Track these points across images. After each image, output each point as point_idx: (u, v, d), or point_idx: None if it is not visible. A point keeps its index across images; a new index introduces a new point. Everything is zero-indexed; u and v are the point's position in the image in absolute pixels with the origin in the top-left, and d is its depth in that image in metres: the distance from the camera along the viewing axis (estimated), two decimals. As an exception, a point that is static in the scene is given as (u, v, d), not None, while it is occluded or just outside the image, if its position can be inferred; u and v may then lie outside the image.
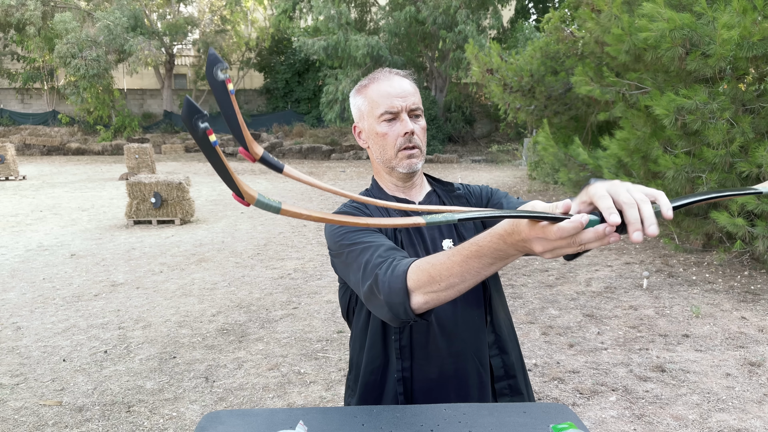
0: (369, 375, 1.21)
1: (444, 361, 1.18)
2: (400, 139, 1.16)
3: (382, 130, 1.17)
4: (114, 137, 23.70)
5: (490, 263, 0.84)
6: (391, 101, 1.16)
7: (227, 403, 2.91)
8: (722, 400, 2.86)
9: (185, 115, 0.54)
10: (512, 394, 1.23)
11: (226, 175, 0.58)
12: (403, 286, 0.93)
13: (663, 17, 4.69)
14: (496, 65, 8.91)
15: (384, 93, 1.16)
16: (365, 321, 1.23)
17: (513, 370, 1.23)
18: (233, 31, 25.48)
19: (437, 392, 1.18)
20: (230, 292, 4.85)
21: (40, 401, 2.93)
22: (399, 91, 1.16)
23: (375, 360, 1.21)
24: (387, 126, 1.17)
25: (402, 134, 1.16)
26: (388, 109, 1.15)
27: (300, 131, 23.86)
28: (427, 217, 0.65)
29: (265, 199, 0.59)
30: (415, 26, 19.13)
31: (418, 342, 1.18)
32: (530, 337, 3.77)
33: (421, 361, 1.18)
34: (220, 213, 9.14)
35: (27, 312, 4.35)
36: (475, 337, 1.19)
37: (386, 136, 1.17)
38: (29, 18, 22.39)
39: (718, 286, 4.84)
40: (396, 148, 1.17)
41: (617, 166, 6.14)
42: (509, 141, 20.49)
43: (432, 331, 1.17)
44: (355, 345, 1.28)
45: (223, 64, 0.56)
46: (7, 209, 9.47)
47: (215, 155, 0.56)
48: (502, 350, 1.22)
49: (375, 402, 1.21)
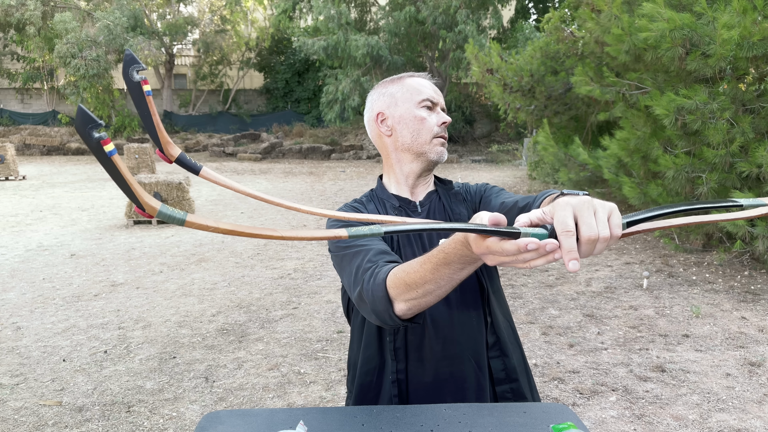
0: (365, 376, 1.21)
1: (439, 363, 1.17)
2: (437, 128, 1.22)
3: (421, 114, 1.21)
4: (114, 137, 23.68)
5: (461, 268, 0.84)
6: (429, 92, 1.23)
7: (227, 403, 2.91)
8: (722, 400, 2.86)
9: (79, 125, 0.52)
10: (516, 398, 1.21)
11: (125, 185, 0.55)
12: (384, 294, 0.94)
13: (663, 17, 4.69)
14: (496, 65, 8.91)
15: (425, 84, 1.24)
16: (362, 321, 1.23)
17: (515, 374, 1.21)
18: (233, 31, 25.48)
19: (433, 395, 1.17)
20: (230, 292, 4.85)
21: (40, 401, 2.93)
22: (431, 87, 1.25)
23: (371, 361, 1.20)
24: (427, 112, 1.22)
25: (440, 123, 1.22)
26: (430, 98, 1.22)
27: (300, 131, 23.86)
28: (351, 230, 0.62)
29: (168, 210, 0.56)
30: (415, 26, 19.11)
31: (413, 344, 1.17)
32: (530, 337, 3.77)
33: (415, 363, 1.17)
34: (220, 213, 9.14)
35: (27, 312, 4.35)
36: (473, 339, 1.17)
37: (425, 120, 1.21)
38: (29, 18, 22.39)
39: (718, 286, 4.84)
40: (433, 134, 1.22)
41: (617, 166, 6.14)
42: (509, 141, 20.48)
43: (427, 334, 1.17)
44: (353, 345, 1.28)
45: (140, 65, 0.55)
46: (7, 209, 9.47)
47: (112, 165, 0.53)
48: (503, 352, 1.21)
49: (371, 403, 1.20)
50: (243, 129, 25.35)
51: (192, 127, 25.61)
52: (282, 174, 15.68)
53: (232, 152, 21.28)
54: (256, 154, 20.31)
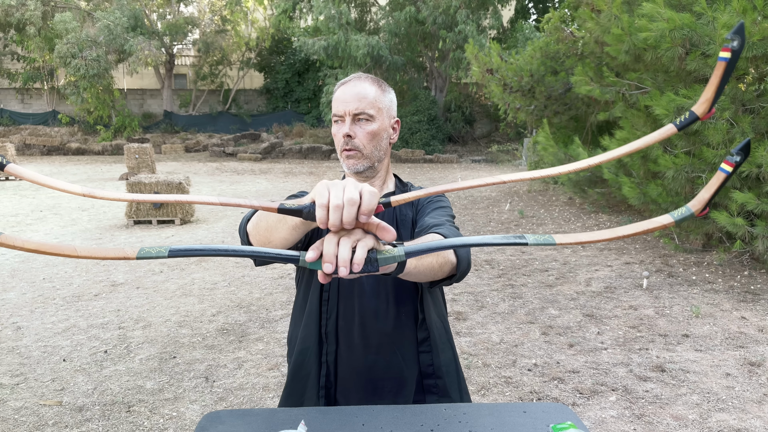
0: (300, 354, 1.28)
1: (366, 351, 1.24)
2: (341, 141, 1.24)
3: (333, 130, 1.28)
4: (114, 137, 23.69)
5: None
6: (338, 105, 1.24)
7: (227, 403, 2.91)
8: (722, 400, 2.86)
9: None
10: (440, 394, 1.27)
11: None
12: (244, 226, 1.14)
13: (663, 17, 4.69)
14: (496, 65, 8.91)
15: (337, 97, 1.25)
16: (302, 300, 1.31)
17: (441, 372, 1.27)
18: (233, 31, 25.46)
19: (360, 380, 1.25)
20: (230, 292, 4.86)
21: (40, 401, 2.93)
22: (348, 96, 1.23)
23: (306, 340, 1.28)
24: (336, 127, 1.26)
25: (342, 136, 1.24)
26: (336, 112, 1.25)
27: (300, 131, 23.86)
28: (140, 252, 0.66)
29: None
30: (415, 26, 19.11)
31: (343, 329, 1.25)
32: (530, 337, 3.77)
33: (345, 348, 1.25)
34: (220, 213, 9.14)
35: (27, 312, 4.35)
36: (400, 332, 1.24)
37: (335, 136, 1.27)
38: (29, 18, 22.38)
39: (718, 286, 4.84)
40: (339, 148, 1.26)
41: (617, 166, 6.15)
42: (509, 141, 20.48)
43: (356, 322, 1.24)
44: (293, 322, 1.36)
45: None
46: (8, 209, 9.47)
47: None
48: (432, 349, 1.27)
49: (302, 381, 1.27)
50: (243, 129, 25.36)
51: (192, 127, 25.60)
52: (282, 174, 15.68)
53: (233, 152, 21.28)
54: (257, 154, 20.32)
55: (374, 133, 1.24)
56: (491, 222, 8.18)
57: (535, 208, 9.27)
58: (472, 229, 7.66)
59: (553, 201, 10.06)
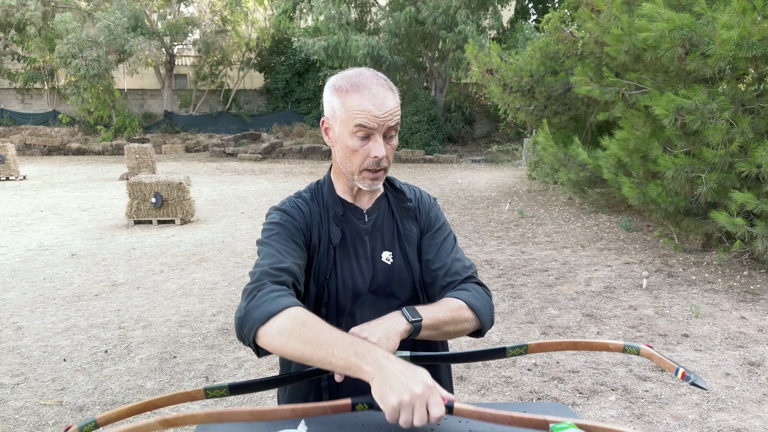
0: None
1: None
2: (369, 160, 1.09)
3: (353, 145, 1.08)
4: (114, 137, 23.69)
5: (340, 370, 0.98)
6: (368, 117, 1.05)
7: (227, 402, 2.91)
8: (722, 400, 2.86)
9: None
10: None
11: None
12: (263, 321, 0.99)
13: (662, 17, 4.70)
14: (496, 65, 8.92)
15: (363, 107, 1.06)
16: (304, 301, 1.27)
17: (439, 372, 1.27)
18: (233, 31, 25.46)
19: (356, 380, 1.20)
20: (230, 291, 4.86)
21: (41, 401, 2.94)
22: (379, 106, 1.06)
23: None
24: (359, 142, 1.08)
25: (372, 156, 1.09)
26: (365, 124, 1.06)
27: (300, 131, 23.85)
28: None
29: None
30: (415, 26, 19.12)
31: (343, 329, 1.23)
32: (530, 336, 3.78)
33: None
34: (221, 213, 9.14)
35: (27, 312, 4.35)
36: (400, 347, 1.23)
37: (356, 153, 1.09)
38: (30, 18, 22.39)
39: (717, 285, 4.84)
40: (362, 167, 1.10)
41: (617, 166, 6.15)
42: (509, 141, 20.49)
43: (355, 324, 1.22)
44: None
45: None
46: (8, 209, 9.48)
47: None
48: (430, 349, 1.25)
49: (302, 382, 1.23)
50: (243, 129, 25.35)
51: (192, 128, 25.61)
52: (282, 174, 15.69)
53: (233, 152, 21.28)
54: (257, 154, 20.32)
55: (395, 146, 1.13)
56: (491, 222, 8.18)
57: (535, 208, 9.27)
58: (472, 229, 7.66)
59: (552, 201, 10.06)
